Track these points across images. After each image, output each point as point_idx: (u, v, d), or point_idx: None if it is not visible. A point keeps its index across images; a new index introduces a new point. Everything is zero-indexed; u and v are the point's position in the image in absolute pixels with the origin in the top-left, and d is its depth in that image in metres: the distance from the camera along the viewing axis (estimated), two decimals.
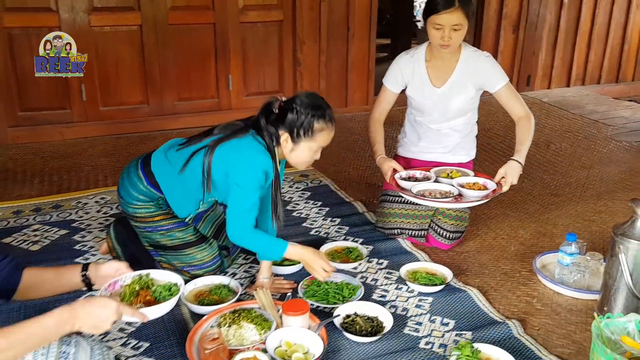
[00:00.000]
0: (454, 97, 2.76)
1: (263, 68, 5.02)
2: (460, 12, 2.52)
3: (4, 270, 1.66)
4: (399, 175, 2.75)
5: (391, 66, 2.87)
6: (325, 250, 2.70)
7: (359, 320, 2.16)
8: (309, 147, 2.25)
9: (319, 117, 2.22)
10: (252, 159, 2.20)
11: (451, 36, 2.56)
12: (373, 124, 2.91)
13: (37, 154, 4.10)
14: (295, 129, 2.21)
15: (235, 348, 1.99)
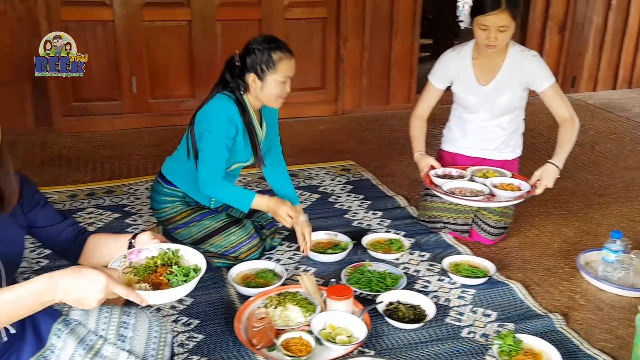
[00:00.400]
0: (500, 95, 2.77)
1: (306, 64, 5.08)
2: (506, 13, 2.51)
3: (67, 230, 1.69)
4: (434, 172, 2.79)
5: (437, 62, 2.90)
6: (367, 241, 2.75)
7: (401, 307, 2.20)
8: (275, 79, 2.40)
9: (274, 48, 2.40)
10: (216, 106, 2.40)
11: (497, 37, 2.56)
12: (414, 119, 2.95)
13: (90, 142, 4.25)
14: (258, 67, 2.39)
15: (281, 328, 2.06)
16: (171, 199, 2.56)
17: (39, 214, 1.63)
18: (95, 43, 4.42)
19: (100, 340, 1.65)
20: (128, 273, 1.52)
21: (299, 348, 1.96)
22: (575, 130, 2.67)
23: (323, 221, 3.02)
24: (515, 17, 2.55)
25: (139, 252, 1.59)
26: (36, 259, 2.59)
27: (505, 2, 2.49)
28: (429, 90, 2.93)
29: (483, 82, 2.77)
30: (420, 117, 2.94)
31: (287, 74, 2.43)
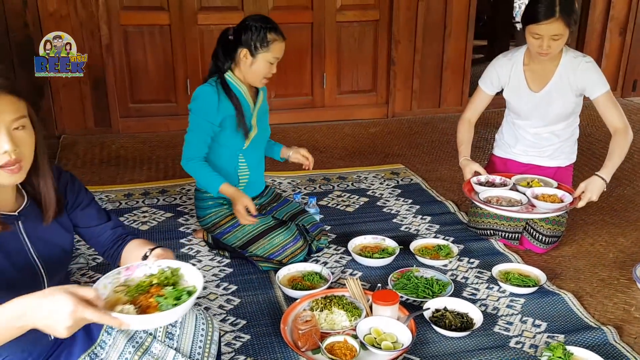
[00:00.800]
0: (553, 102, 2.70)
1: (357, 67, 5.10)
2: (560, 22, 2.43)
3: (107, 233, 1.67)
4: (476, 179, 2.74)
5: (488, 68, 2.84)
6: (415, 246, 2.73)
7: (448, 315, 2.18)
8: (266, 58, 2.49)
9: (270, 29, 2.49)
10: (204, 89, 2.54)
11: (550, 45, 2.49)
12: (463, 124, 2.91)
13: (146, 143, 4.38)
14: (252, 43, 2.48)
15: (326, 332, 2.07)
16: (212, 202, 2.64)
17: (80, 214, 1.65)
18: (152, 46, 4.56)
19: (149, 338, 1.70)
20: (120, 292, 1.41)
21: (344, 352, 1.97)
22: (627, 142, 2.57)
23: (371, 225, 3.03)
24: (570, 24, 2.47)
25: (137, 268, 1.47)
26: (92, 255, 2.69)
27: (559, 10, 2.41)
28: (478, 95, 2.89)
29: (535, 88, 2.72)
30: (468, 121, 2.90)
31: (277, 56, 2.52)
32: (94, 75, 4.45)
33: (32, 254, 1.54)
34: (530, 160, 2.88)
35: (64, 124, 4.51)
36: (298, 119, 4.94)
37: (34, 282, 1.55)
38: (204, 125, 2.54)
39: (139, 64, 4.58)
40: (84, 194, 1.66)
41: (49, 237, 1.60)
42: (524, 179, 2.77)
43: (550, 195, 2.62)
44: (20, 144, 1.37)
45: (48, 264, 1.57)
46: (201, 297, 2.37)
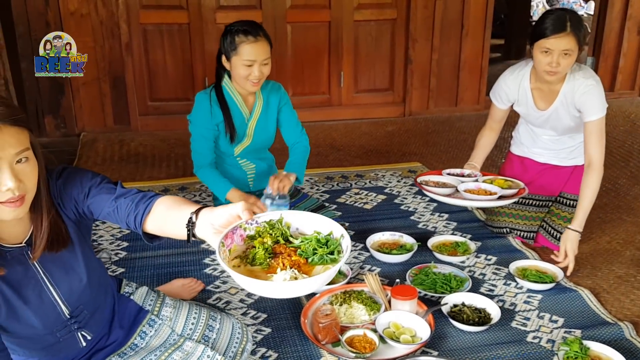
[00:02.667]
0: (562, 119, 2.67)
1: (374, 65, 5.12)
2: (571, 37, 2.38)
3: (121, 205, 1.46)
4: (447, 171, 2.86)
5: (496, 83, 2.80)
6: (433, 243, 2.76)
7: (466, 310, 2.20)
8: (238, 61, 2.51)
9: (239, 31, 2.50)
10: (197, 98, 2.66)
11: (559, 62, 2.42)
12: (483, 129, 2.93)
13: (164, 140, 4.44)
14: (225, 48, 2.54)
15: (346, 325, 2.10)
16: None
17: (91, 202, 1.50)
18: (171, 45, 4.61)
19: (182, 339, 1.74)
20: (240, 265, 1.28)
21: (363, 345, 2.00)
22: (598, 183, 2.52)
23: (388, 222, 3.05)
24: (580, 41, 2.41)
25: (234, 233, 1.29)
26: (115, 250, 2.74)
27: (570, 25, 2.37)
28: (493, 109, 2.88)
29: (542, 107, 2.68)
30: (489, 128, 2.90)
31: (250, 58, 2.49)
32: (114, 74, 4.51)
33: (47, 283, 1.49)
34: (547, 160, 2.88)
35: (84, 122, 4.58)
36: (315, 118, 4.97)
37: (56, 317, 1.52)
38: (203, 132, 2.62)
39: (158, 63, 4.63)
40: (87, 181, 1.51)
41: (67, 263, 1.53)
42: (491, 179, 2.77)
43: (486, 191, 2.64)
44: (24, 177, 1.31)
45: (68, 295, 1.53)
46: (222, 291, 2.41)
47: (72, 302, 1.54)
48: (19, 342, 1.52)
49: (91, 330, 1.63)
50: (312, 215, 1.36)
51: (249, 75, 2.52)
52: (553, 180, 2.85)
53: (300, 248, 1.29)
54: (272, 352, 2.03)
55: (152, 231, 1.44)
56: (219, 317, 1.90)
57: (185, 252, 2.71)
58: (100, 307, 1.68)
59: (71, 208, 1.52)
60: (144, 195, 1.47)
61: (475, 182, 2.70)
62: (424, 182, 2.76)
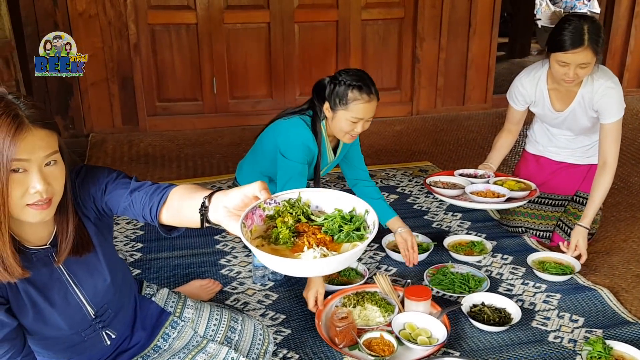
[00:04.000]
0: (579, 119, 2.65)
1: (382, 65, 5.11)
2: (589, 50, 2.34)
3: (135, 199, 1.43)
4: (460, 171, 2.84)
5: (512, 85, 2.76)
6: (449, 242, 2.75)
7: (486, 310, 2.20)
8: (345, 116, 2.35)
9: (354, 87, 2.32)
10: (295, 131, 2.41)
11: (577, 73, 2.40)
12: (502, 133, 2.88)
13: (173, 141, 4.43)
14: (333, 98, 2.37)
15: (362, 327, 2.09)
16: None
17: (108, 198, 1.48)
18: (179, 45, 4.61)
19: (205, 341, 1.73)
20: (264, 245, 1.22)
21: (382, 348, 1.98)
22: (609, 185, 2.55)
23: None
24: (597, 52, 2.37)
25: (254, 213, 1.23)
26: (130, 251, 2.73)
27: (588, 39, 2.32)
28: (510, 111, 2.84)
29: (559, 108, 2.66)
30: (508, 131, 2.87)
31: (359, 116, 2.34)
32: (122, 74, 4.51)
33: (72, 284, 1.49)
34: (563, 158, 2.87)
35: (92, 123, 4.57)
36: None
37: (82, 318, 1.52)
38: (299, 169, 2.40)
39: (166, 63, 4.63)
40: (104, 178, 1.49)
41: (91, 264, 1.53)
42: (502, 180, 2.74)
43: (495, 193, 2.60)
44: (52, 180, 1.31)
45: (93, 295, 1.53)
46: (239, 292, 2.40)
47: (97, 302, 1.54)
48: (44, 343, 1.52)
49: (115, 329, 1.63)
50: (331, 192, 1.29)
51: (352, 131, 2.38)
52: (569, 179, 2.84)
53: (324, 226, 1.24)
54: (293, 354, 2.02)
55: (168, 222, 1.40)
56: (240, 318, 1.89)
57: (201, 253, 2.70)
58: (124, 306, 1.68)
59: (91, 207, 1.51)
60: (158, 187, 1.44)
61: (485, 184, 2.68)
62: (433, 182, 2.74)
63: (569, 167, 2.85)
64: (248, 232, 1.20)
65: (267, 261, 1.16)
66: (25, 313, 1.41)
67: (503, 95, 5.59)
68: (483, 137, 4.56)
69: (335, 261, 1.14)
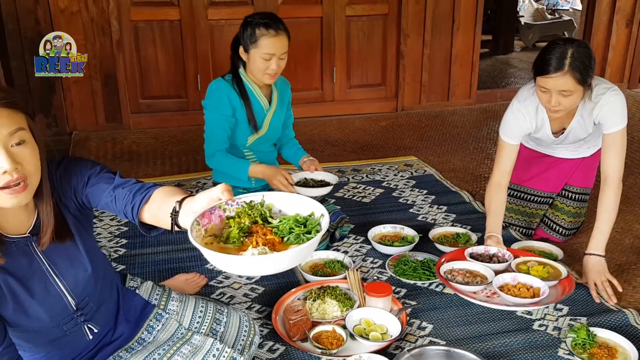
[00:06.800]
0: (578, 136, 2.54)
1: (366, 61, 5.12)
2: (569, 77, 2.15)
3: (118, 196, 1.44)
4: (470, 250, 2.44)
5: (507, 122, 2.50)
6: (434, 234, 2.76)
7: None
8: (257, 54, 2.48)
9: (261, 25, 2.46)
10: (213, 85, 2.63)
11: (560, 102, 2.22)
12: (490, 189, 2.53)
13: (157, 138, 4.40)
14: (244, 40, 2.51)
15: (317, 321, 2.09)
16: None
17: (90, 191, 1.48)
18: (162, 42, 4.58)
19: (190, 333, 1.72)
20: (213, 243, 1.26)
21: (331, 341, 1.98)
22: (616, 204, 2.33)
23: (388, 215, 3.05)
24: (582, 81, 2.17)
25: (212, 213, 1.26)
26: (114, 247, 2.71)
27: (569, 63, 2.14)
28: (504, 152, 2.51)
29: (557, 130, 2.52)
30: (498, 185, 2.51)
31: (270, 51, 2.47)
32: (105, 72, 4.47)
33: (52, 275, 1.48)
34: (556, 154, 2.78)
35: (76, 121, 4.53)
36: (308, 114, 4.96)
37: (63, 309, 1.51)
38: (220, 119, 2.58)
39: (149, 60, 4.60)
40: (87, 170, 1.49)
41: (71, 254, 1.52)
42: (525, 262, 2.37)
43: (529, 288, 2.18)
44: (22, 160, 1.29)
45: (74, 286, 1.51)
46: (225, 286, 2.39)
47: (78, 293, 1.52)
48: (25, 336, 1.50)
49: (97, 323, 1.61)
50: (294, 197, 1.34)
51: (267, 68, 2.50)
52: (558, 174, 2.78)
53: (278, 228, 1.27)
54: (280, 345, 2.01)
55: (149, 221, 1.42)
56: (226, 310, 1.88)
57: (185, 248, 2.69)
58: (106, 300, 1.66)
59: (71, 197, 1.50)
60: (142, 186, 1.45)
61: (510, 273, 2.27)
62: (449, 273, 2.32)
63: (559, 163, 2.78)
64: (201, 230, 1.23)
65: (209, 257, 1.19)
66: (5, 304, 1.40)
67: (487, 91, 5.69)
68: (467, 132, 4.58)
69: (273, 260, 1.16)
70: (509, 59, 7.89)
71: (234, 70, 2.64)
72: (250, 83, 2.62)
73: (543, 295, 2.12)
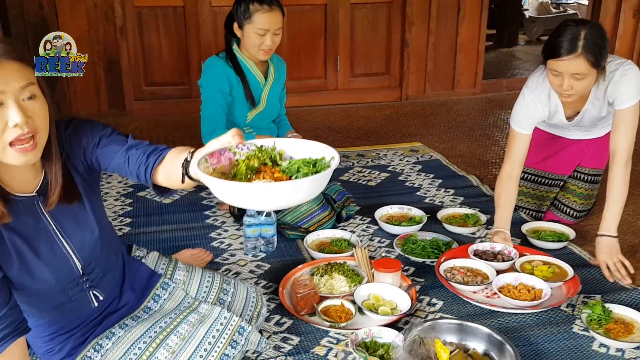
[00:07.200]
0: (592, 119, 2.47)
1: (370, 49, 5.07)
2: (582, 59, 2.06)
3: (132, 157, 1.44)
4: (473, 248, 2.33)
5: (518, 111, 2.41)
6: (443, 215, 2.71)
7: None
8: (251, 30, 2.48)
9: (253, 0, 2.46)
10: (207, 63, 2.61)
11: (572, 85, 2.13)
12: (501, 181, 2.42)
13: (160, 125, 4.36)
14: (238, 16, 2.51)
15: (325, 296, 2.05)
16: None
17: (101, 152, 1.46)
18: (166, 28, 4.53)
19: (197, 302, 1.69)
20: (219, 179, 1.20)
21: (339, 315, 1.94)
22: (625, 181, 2.27)
23: (394, 198, 3.00)
24: (596, 64, 2.08)
25: (221, 155, 1.24)
26: (118, 226, 2.67)
27: (582, 45, 2.05)
28: (515, 141, 2.41)
29: (570, 115, 2.44)
30: (509, 177, 2.40)
31: (264, 27, 2.47)
32: (108, 58, 4.43)
33: (59, 235, 1.44)
34: (570, 136, 2.71)
35: (79, 107, 4.49)
36: (311, 102, 4.92)
37: (69, 271, 1.47)
38: (217, 96, 2.55)
39: (153, 46, 4.55)
40: (98, 131, 1.48)
41: (78, 216, 1.49)
42: (529, 261, 2.28)
43: (531, 289, 2.08)
44: (32, 114, 1.27)
45: (81, 248, 1.48)
46: (231, 263, 2.35)
47: (85, 256, 1.49)
48: (30, 301, 1.46)
49: (103, 290, 1.57)
50: (306, 143, 1.30)
51: (261, 44, 2.50)
52: (570, 155, 2.72)
53: (287, 168, 1.25)
54: (287, 319, 1.97)
55: (162, 183, 1.41)
56: (233, 281, 1.85)
57: (191, 227, 2.65)
58: (112, 267, 1.63)
59: (80, 158, 1.47)
60: (156, 148, 1.45)
61: (513, 273, 2.16)
62: (449, 271, 2.21)
63: (571, 144, 2.72)
64: (209, 168, 1.21)
65: (212, 185, 1.15)
66: (11, 263, 1.36)
67: (492, 80, 5.63)
68: (473, 120, 4.54)
69: (279, 188, 1.10)
70: (514, 51, 7.83)
71: (228, 47, 2.62)
72: (245, 59, 2.60)
73: (544, 298, 2.01)
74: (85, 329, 1.57)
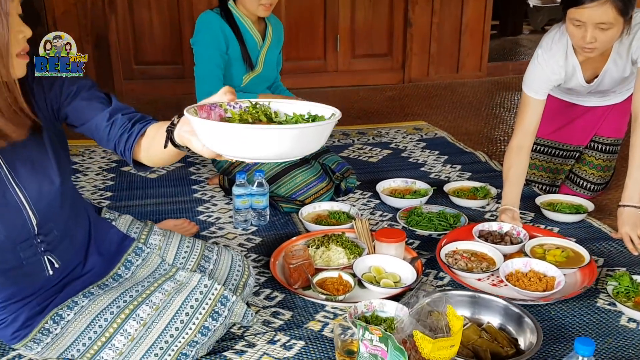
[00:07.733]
0: (613, 80, 2.25)
1: (372, 29, 4.87)
2: (609, 6, 1.83)
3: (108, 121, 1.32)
4: (479, 228, 2.08)
5: (532, 73, 2.20)
6: (450, 188, 2.51)
7: None
8: None
9: None
10: (201, 19, 2.38)
11: (596, 37, 1.91)
12: (512, 154, 2.21)
13: (152, 104, 4.16)
14: None
15: (321, 268, 1.85)
16: None
17: (70, 107, 1.33)
18: (158, 4, 4.34)
19: (174, 269, 1.49)
20: None
21: (337, 287, 1.74)
22: None
23: (397, 173, 2.79)
24: (624, 12, 1.86)
25: (211, 110, 1.13)
26: (98, 200, 2.47)
27: None
28: (527, 107, 2.20)
29: (590, 77, 2.23)
30: (519, 149, 2.20)
31: None
32: (96, 33, 4.23)
33: (11, 181, 1.24)
34: (586, 103, 2.51)
35: None
36: (310, 84, 4.71)
37: (22, 226, 1.27)
38: (214, 55, 2.33)
39: (144, 22, 4.35)
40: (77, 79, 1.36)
41: (37, 161, 1.29)
42: (541, 244, 2.02)
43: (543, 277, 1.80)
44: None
45: (37, 199, 1.27)
46: (218, 236, 2.14)
47: (41, 209, 1.28)
48: None
49: (60, 257, 1.36)
50: (305, 103, 1.18)
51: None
52: (586, 124, 2.52)
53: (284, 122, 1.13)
54: (278, 293, 1.76)
55: (141, 157, 1.31)
56: (216, 248, 1.65)
57: (177, 201, 2.46)
58: (74, 230, 1.42)
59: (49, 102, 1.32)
60: (143, 117, 1.35)
61: (523, 258, 1.89)
62: (451, 255, 1.94)
63: (587, 111, 2.51)
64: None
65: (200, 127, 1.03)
66: None
67: (498, 63, 5.43)
68: (479, 101, 4.34)
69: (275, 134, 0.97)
70: (519, 39, 7.64)
71: (222, 3, 2.40)
72: (241, 17, 2.39)
73: (557, 288, 1.73)
74: (43, 296, 1.37)
